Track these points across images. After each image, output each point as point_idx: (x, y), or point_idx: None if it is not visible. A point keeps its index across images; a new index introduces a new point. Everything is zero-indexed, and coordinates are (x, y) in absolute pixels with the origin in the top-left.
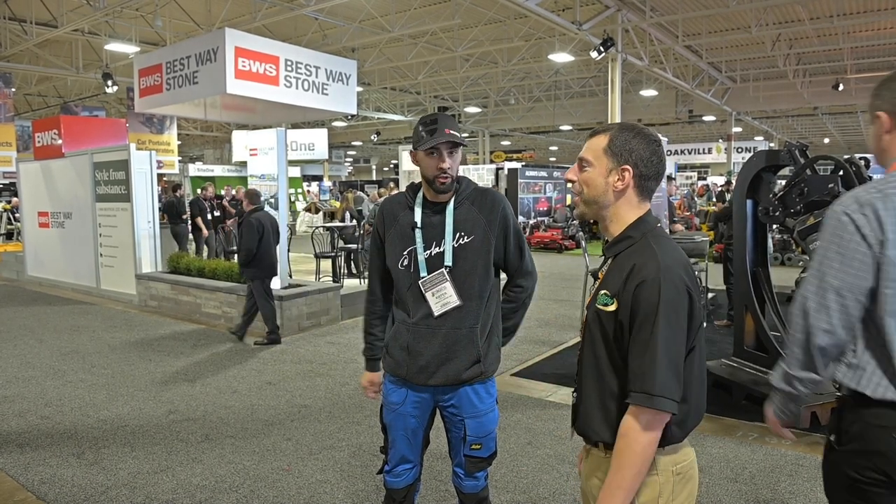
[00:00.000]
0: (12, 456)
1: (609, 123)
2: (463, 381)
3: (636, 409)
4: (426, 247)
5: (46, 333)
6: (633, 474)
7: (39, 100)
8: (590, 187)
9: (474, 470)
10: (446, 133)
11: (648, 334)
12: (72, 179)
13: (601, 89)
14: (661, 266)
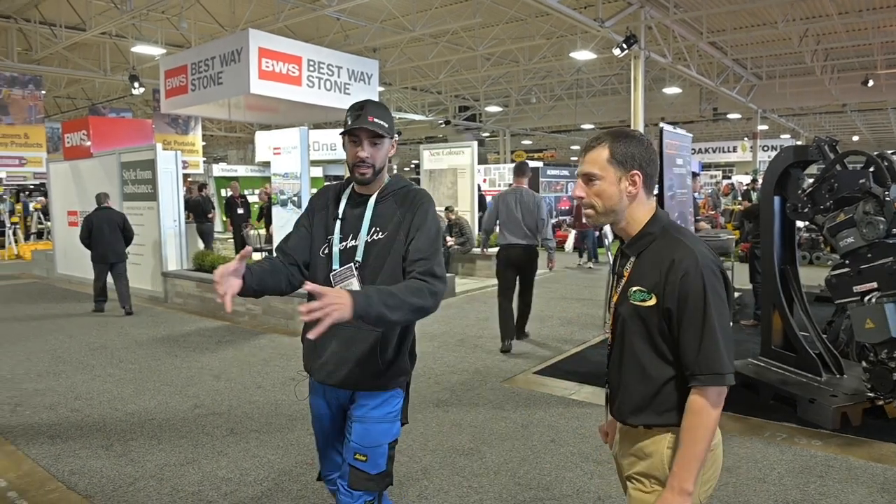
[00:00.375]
0: (44, 447)
1: (598, 135)
2: (359, 387)
3: (704, 389)
4: (342, 238)
5: (75, 329)
6: (705, 447)
7: (68, 102)
8: (604, 198)
9: (356, 484)
10: (369, 120)
11: (702, 320)
12: (100, 179)
13: (623, 87)
14: (698, 256)
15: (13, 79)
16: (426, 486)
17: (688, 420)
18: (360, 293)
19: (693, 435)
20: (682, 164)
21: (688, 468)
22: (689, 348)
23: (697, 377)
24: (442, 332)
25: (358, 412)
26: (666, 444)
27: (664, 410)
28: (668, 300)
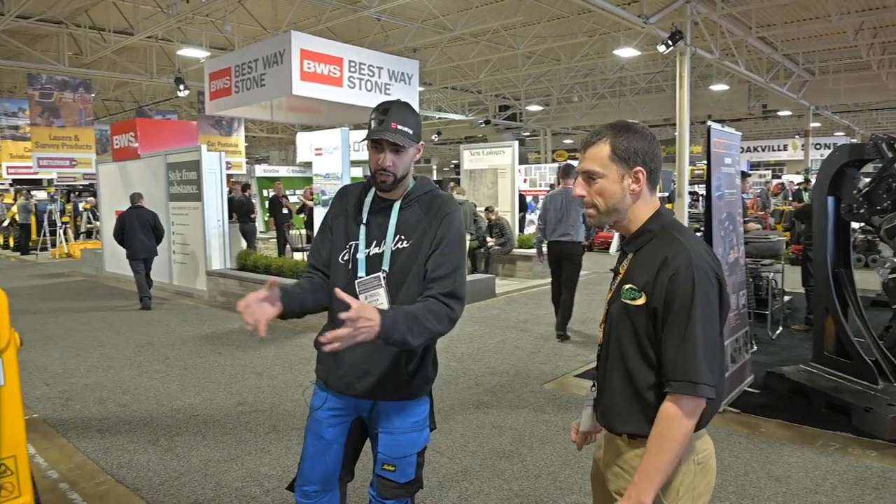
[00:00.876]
0: (93, 441)
1: (598, 129)
2: (383, 396)
3: (677, 397)
4: (367, 245)
5: (123, 326)
6: (671, 459)
7: (116, 105)
8: (606, 197)
9: (386, 494)
10: (392, 128)
11: (685, 324)
12: (147, 179)
13: (668, 84)
14: (692, 256)
15: (64, 82)
16: (466, 488)
17: (657, 428)
18: (389, 315)
19: (660, 444)
20: (730, 163)
21: (649, 479)
22: (669, 352)
23: (671, 383)
24: (482, 333)
25: (384, 424)
26: None
27: (650, 419)
28: (656, 300)
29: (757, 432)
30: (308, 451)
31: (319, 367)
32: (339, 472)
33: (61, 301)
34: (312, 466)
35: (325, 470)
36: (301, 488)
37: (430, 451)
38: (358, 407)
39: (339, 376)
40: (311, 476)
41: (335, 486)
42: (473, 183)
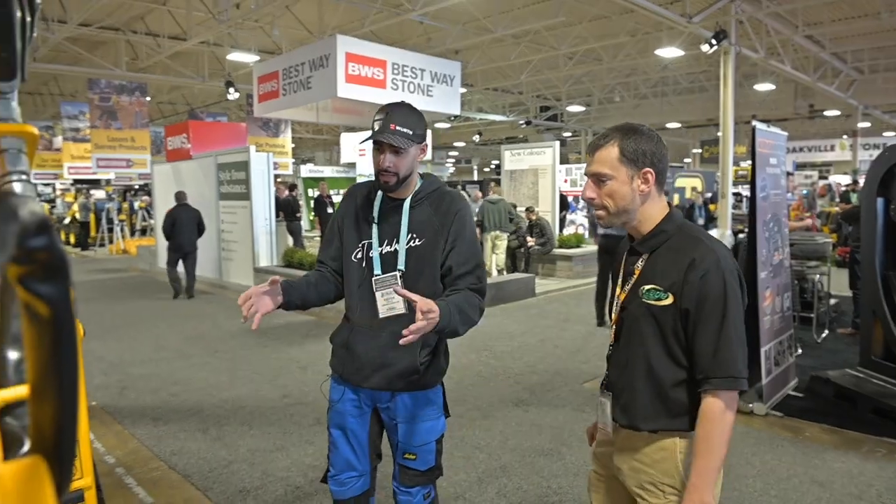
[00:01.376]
0: (147, 428)
1: (606, 132)
2: (399, 389)
3: (719, 393)
4: (380, 243)
5: (175, 320)
6: (722, 454)
7: (170, 107)
8: (616, 199)
9: (409, 482)
10: (391, 129)
11: (720, 321)
12: (198, 179)
13: (712, 84)
14: (720, 257)
15: (122, 86)
16: (505, 484)
17: (704, 427)
18: (445, 307)
19: (710, 443)
20: (775, 163)
21: (707, 478)
22: (705, 351)
23: (712, 380)
24: (522, 331)
25: (402, 414)
26: (677, 450)
27: (676, 415)
28: (686, 300)
29: (801, 436)
30: (335, 442)
31: (334, 361)
32: (368, 456)
33: (118, 295)
34: (342, 457)
35: (355, 458)
36: (334, 478)
37: (469, 446)
38: (375, 398)
39: (355, 370)
40: (343, 466)
41: (367, 471)
42: (514, 183)
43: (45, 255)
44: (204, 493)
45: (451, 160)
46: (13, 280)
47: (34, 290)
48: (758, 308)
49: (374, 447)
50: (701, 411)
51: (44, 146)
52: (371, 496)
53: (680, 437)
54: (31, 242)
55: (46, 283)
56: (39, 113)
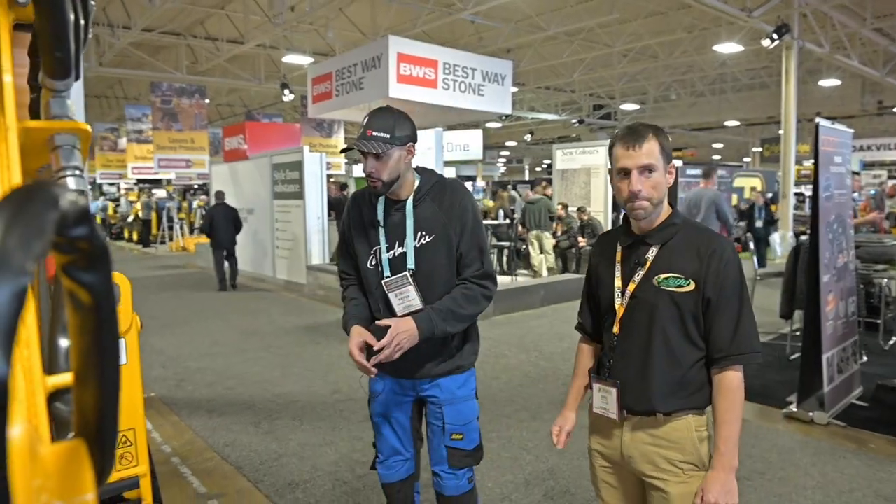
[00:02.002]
0: (202, 420)
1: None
2: (438, 374)
3: (738, 367)
4: (389, 247)
5: (231, 315)
6: (740, 421)
7: (228, 109)
8: (658, 190)
9: (458, 464)
10: (367, 135)
11: (739, 304)
12: (254, 179)
13: (773, 81)
14: (733, 247)
15: (182, 89)
16: (552, 487)
17: (727, 399)
18: (424, 319)
19: (733, 413)
20: (840, 162)
21: (733, 445)
22: (725, 330)
23: (735, 356)
24: (572, 333)
25: (444, 396)
26: (693, 428)
27: (692, 392)
28: (710, 285)
29: (865, 448)
30: (381, 430)
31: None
32: (412, 441)
33: (177, 291)
34: (388, 443)
35: (400, 444)
36: (382, 463)
37: (516, 448)
38: (417, 386)
39: (393, 367)
40: (390, 451)
41: (412, 455)
42: (566, 183)
43: (87, 245)
44: (255, 484)
45: (502, 160)
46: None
47: (77, 279)
48: (819, 313)
49: (415, 431)
50: (721, 386)
51: (109, 147)
52: (416, 481)
53: (694, 415)
54: (73, 232)
55: (88, 272)
56: (105, 115)
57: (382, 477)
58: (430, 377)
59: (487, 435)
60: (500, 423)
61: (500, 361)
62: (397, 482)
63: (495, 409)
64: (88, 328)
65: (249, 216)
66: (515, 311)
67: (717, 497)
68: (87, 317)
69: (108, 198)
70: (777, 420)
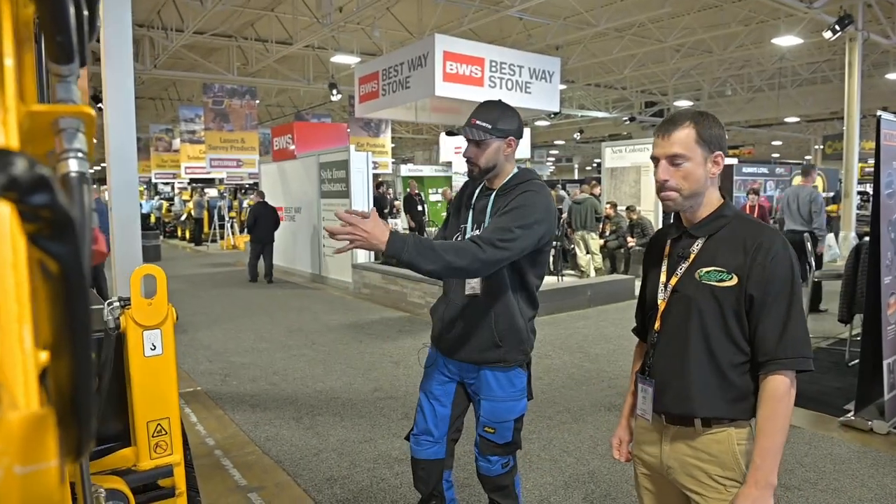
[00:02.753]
0: (245, 414)
1: (674, 116)
2: (482, 361)
3: (787, 373)
4: (472, 227)
5: (277, 312)
6: (785, 434)
7: (278, 109)
8: (690, 181)
9: (486, 451)
10: (471, 123)
11: (789, 303)
12: (301, 178)
13: (836, 74)
14: (784, 240)
15: (233, 90)
16: (592, 490)
17: (770, 406)
18: (399, 238)
19: (775, 424)
20: None
21: (772, 459)
22: (772, 332)
23: (782, 360)
24: (619, 334)
25: (484, 391)
26: (734, 441)
27: (731, 400)
28: (754, 281)
29: None
30: (420, 405)
31: (432, 330)
32: (446, 427)
33: (226, 288)
34: (423, 419)
35: (433, 423)
36: (414, 437)
37: (557, 450)
38: (462, 372)
39: (446, 340)
40: (422, 428)
41: (443, 440)
42: (615, 181)
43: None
44: (294, 478)
45: (551, 159)
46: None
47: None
48: (881, 316)
49: (454, 422)
50: (765, 392)
51: (164, 148)
52: (446, 468)
53: (735, 427)
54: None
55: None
56: (160, 117)
57: (412, 451)
58: (474, 363)
59: (528, 436)
60: (541, 425)
61: (543, 362)
62: (423, 460)
63: (537, 410)
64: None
65: (297, 215)
66: (561, 312)
67: None
68: (56, 287)
69: (163, 197)
70: (833, 428)
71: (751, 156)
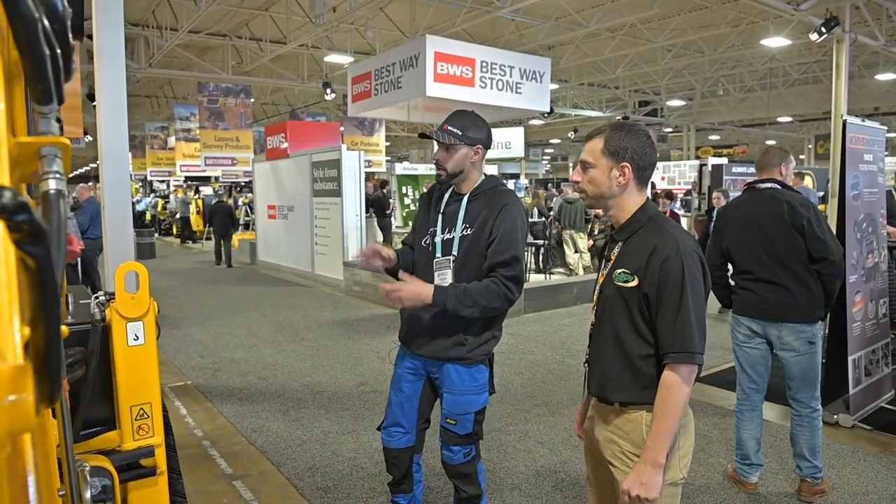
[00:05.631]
0: (233, 407)
1: (601, 126)
2: (446, 357)
3: (677, 366)
4: (442, 230)
5: (269, 309)
6: (676, 421)
7: (273, 108)
8: (594, 185)
9: (448, 441)
10: (443, 129)
11: (678, 302)
12: (294, 177)
13: (826, 75)
14: (680, 243)
15: (228, 89)
16: (562, 479)
17: (661, 395)
18: (442, 291)
19: (665, 410)
20: (871, 160)
21: (661, 441)
22: (665, 328)
23: (670, 354)
24: None
25: (447, 385)
26: (643, 422)
27: (643, 387)
28: (649, 282)
29: (889, 451)
30: (391, 400)
31: (400, 330)
32: (416, 419)
33: (218, 286)
34: (394, 413)
35: (403, 416)
36: (385, 429)
37: (532, 441)
38: (427, 368)
39: (412, 337)
40: (392, 420)
41: (413, 430)
42: None
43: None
44: (277, 467)
45: (546, 157)
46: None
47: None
48: (846, 314)
49: (422, 413)
50: (661, 382)
51: (159, 146)
52: (415, 453)
53: (647, 410)
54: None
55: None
56: (156, 115)
57: (383, 441)
58: (437, 359)
59: (504, 428)
60: (518, 417)
61: (525, 357)
62: (395, 449)
63: (515, 403)
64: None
65: (290, 213)
66: (547, 309)
67: (631, 486)
68: (33, 277)
69: (158, 195)
70: None
71: (744, 155)
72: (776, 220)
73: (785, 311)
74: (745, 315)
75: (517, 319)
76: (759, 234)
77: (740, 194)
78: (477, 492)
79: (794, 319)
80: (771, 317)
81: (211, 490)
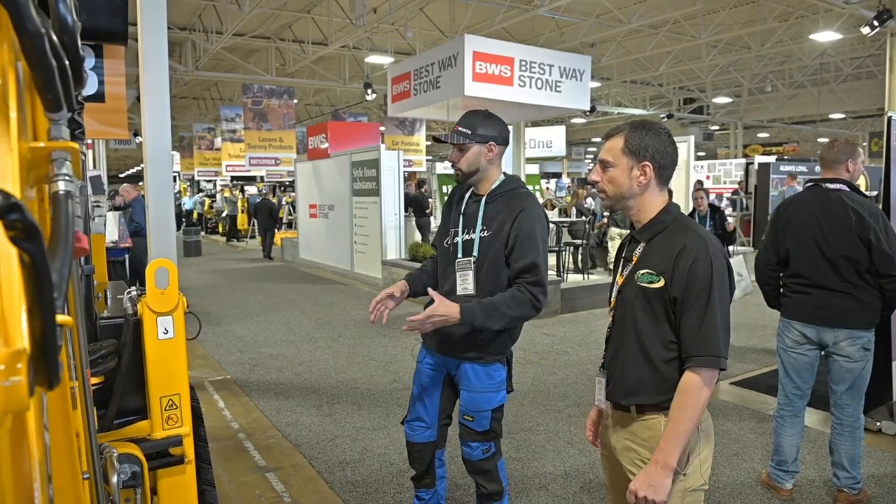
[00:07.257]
0: (269, 401)
1: (620, 125)
2: (462, 357)
3: (699, 370)
4: (463, 231)
5: (308, 306)
6: (693, 425)
7: (316, 109)
8: (614, 185)
9: (466, 438)
10: (455, 130)
11: (705, 304)
12: (335, 176)
13: (880, 70)
14: (709, 244)
15: (272, 90)
16: (591, 480)
17: (679, 399)
18: (468, 309)
19: (682, 413)
20: None
21: (674, 444)
22: (690, 330)
23: (694, 358)
24: None
25: (464, 383)
26: (661, 429)
27: (663, 391)
28: (676, 283)
29: None
30: (413, 395)
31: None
32: (437, 414)
33: (261, 283)
34: (416, 408)
35: (424, 411)
36: (408, 423)
37: (562, 441)
38: (447, 365)
39: (432, 335)
40: (414, 415)
41: (434, 426)
42: None
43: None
44: (309, 461)
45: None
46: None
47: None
48: (890, 318)
49: (444, 409)
50: (680, 384)
51: (206, 146)
52: (438, 448)
53: (665, 416)
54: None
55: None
56: (203, 116)
57: (406, 435)
58: (457, 358)
59: (535, 428)
60: (548, 417)
61: (560, 358)
62: (417, 443)
63: (547, 403)
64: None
65: (330, 212)
66: (583, 310)
67: (639, 486)
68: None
69: (206, 194)
70: None
71: (795, 153)
72: (843, 229)
73: (843, 315)
74: (799, 319)
75: (553, 319)
76: (823, 241)
77: (802, 191)
78: (497, 489)
79: (851, 325)
80: (828, 321)
81: (244, 481)
